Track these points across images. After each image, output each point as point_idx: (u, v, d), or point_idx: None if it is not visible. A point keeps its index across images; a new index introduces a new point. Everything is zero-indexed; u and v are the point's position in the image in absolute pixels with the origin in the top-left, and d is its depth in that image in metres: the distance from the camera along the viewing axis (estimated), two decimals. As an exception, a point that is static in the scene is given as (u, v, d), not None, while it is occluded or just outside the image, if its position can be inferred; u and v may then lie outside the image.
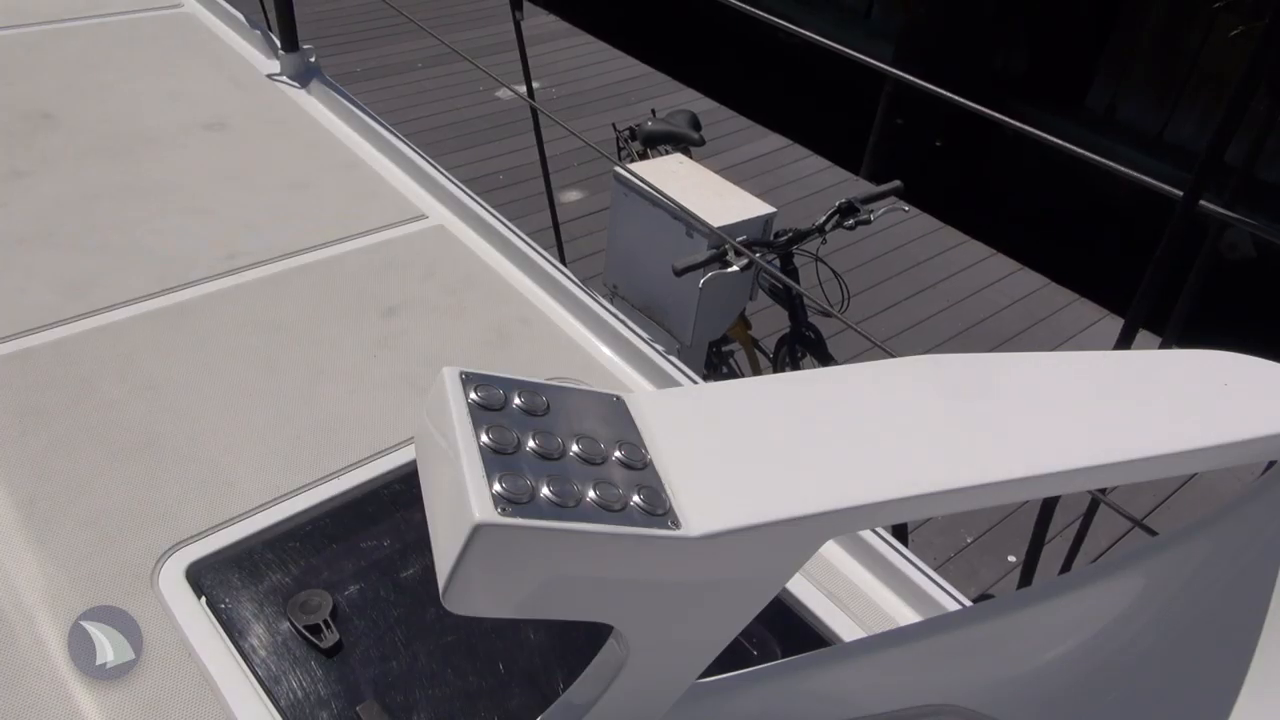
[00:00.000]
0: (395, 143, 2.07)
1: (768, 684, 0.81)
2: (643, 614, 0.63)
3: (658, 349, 1.62)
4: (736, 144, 5.92)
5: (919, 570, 1.26)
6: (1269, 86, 1.09)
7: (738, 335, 3.20)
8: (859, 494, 0.62)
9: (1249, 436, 0.70)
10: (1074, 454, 0.67)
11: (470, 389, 0.61)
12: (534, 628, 1.17)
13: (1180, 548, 0.77)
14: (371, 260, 1.75)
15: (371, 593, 1.19)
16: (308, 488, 1.30)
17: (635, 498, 0.59)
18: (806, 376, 0.72)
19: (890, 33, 7.87)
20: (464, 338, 1.61)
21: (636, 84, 6.50)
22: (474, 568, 0.54)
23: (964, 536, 3.62)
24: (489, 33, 6.79)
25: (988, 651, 0.83)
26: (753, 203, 2.81)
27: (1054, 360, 0.76)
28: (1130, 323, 1.29)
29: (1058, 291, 4.95)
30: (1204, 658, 0.76)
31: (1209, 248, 1.28)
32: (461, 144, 5.59)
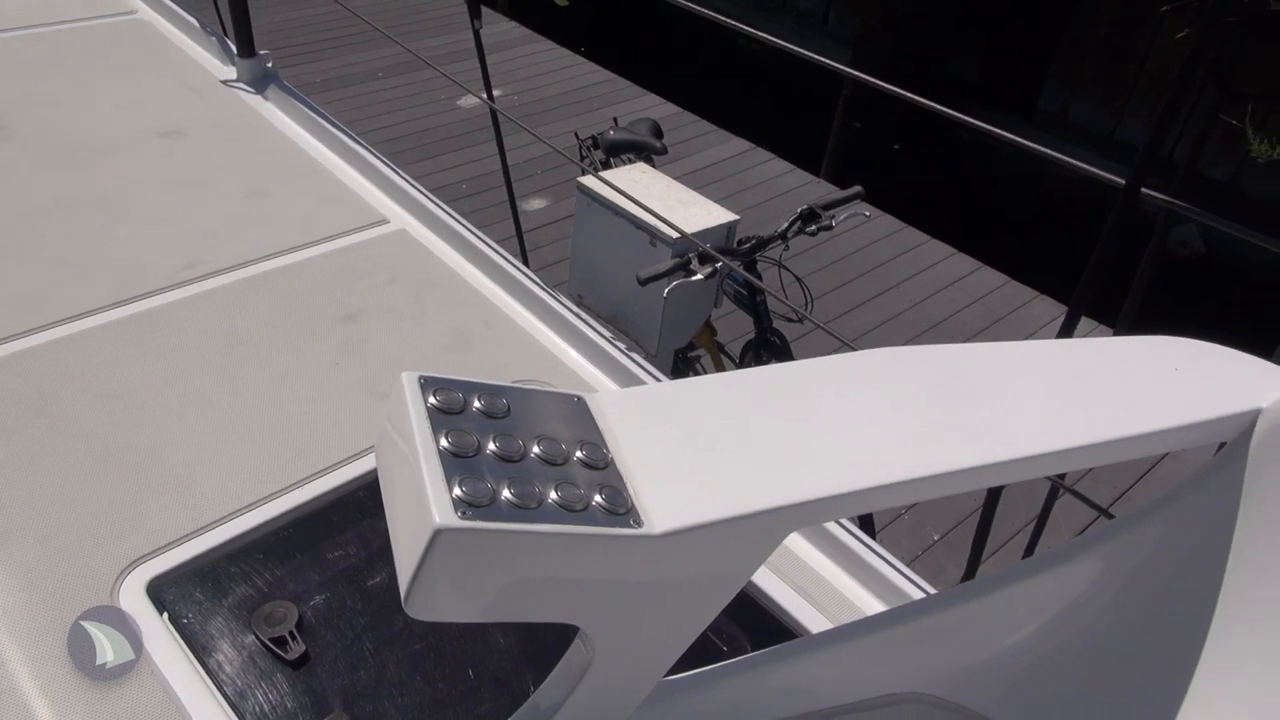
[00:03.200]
0: (355, 148, 2.06)
1: (734, 679, 0.81)
2: (607, 614, 0.64)
3: (621, 348, 1.62)
4: (699, 148, 5.94)
5: (885, 561, 1.28)
6: (1212, 78, 1.12)
7: (703, 342, 3.21)
8: (820, 487, 0.63)
9: (1199, 419, 0.72)
10: (1029, 441, 0.68)
11: (429, 393, 0.61)
12: (503, 631, 1.17)
13: (1135, 530, 0.79)
14: (333, 266, 1.74)
15: (338, 602, 1.18)
16: (271, 498, 1.29)
17: (597, 497, 0.59)
18: (767, 372, 0.73)
19: (846, 38, 7.96)
20: (427, 342, 1.60)
21: (598, 90, 6.51)
22: (436, 573, 0.54)
23: (931, 534, 3.66)
24: (449, 41, 6.77)
25: (952, 638, 0.84)
26: (716, 210, 2.82)
27: (1009, 350, 0.78)
28: (1074, 308, 1.31)
29: (1017, 289, 5.03)
30: (1160, 637, 0.77)
31: (1158, 239, 1.31)
32: (424, 153, 5.57)
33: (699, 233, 2.69)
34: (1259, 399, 0.73)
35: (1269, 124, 3.87)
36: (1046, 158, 1.24)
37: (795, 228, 2.87)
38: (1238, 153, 5.87)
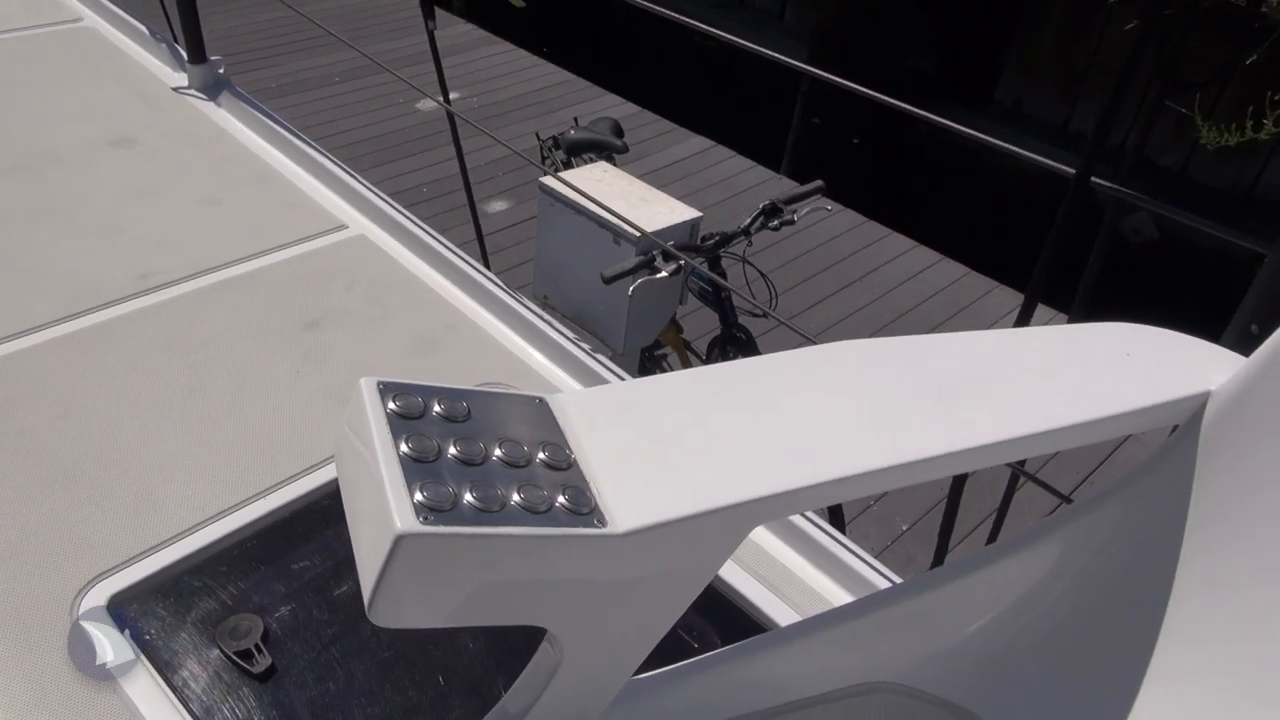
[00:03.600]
0: (311, 153, 2.03)
1: (703, 675, 0.81)
2: (574, 614, 0.63)
3: (585, 349, 1.62)
4: (660, 147, 5.95)
5: (851, 553, 1.29)
6: (1156, 68, 1.15)
7: (669, 340, 3.21)
8: (782, 481, 0.63)
9: (1152, 403, 0.73)
10: (988, 429, 0.68)
11: (389, 399, 0.61)
12: (472, 636, 1.16)
13: (1094, 514, 0.80)
14: (291, 273, 1.72)
15: (304, 613, 1.16)
16: (233, 509, 1.27)
17: (560, 498, 0.59)
18: (728, 368, 0.73)
19: (803, 34, 8.01)
20: (389, 347, 1.58)
21: (557, 91, 6.49)
22: (399, 579, 0.54)
23: (899, 524, 3.69)
24: (406, 44, 6.72)
25: (918, 627, 0.85)
26: (678, 208, 2.83)
27: (966, 340, 0.78)
28: (1030, 297, 1.33)
29: (978, 279, 5.09)
30: (1121, 617, 0.78)
31: (1108, 228, 1.34)
32: (383, 157, 5.52)
33: (662, 230, 2.69)
34: (1208, 381, 0.75)
35: (1217, 112, 3.95)
36: (999, 150, 1.26)
37: (758, 223, 2.89)
38: (1188, 141, 5.98)
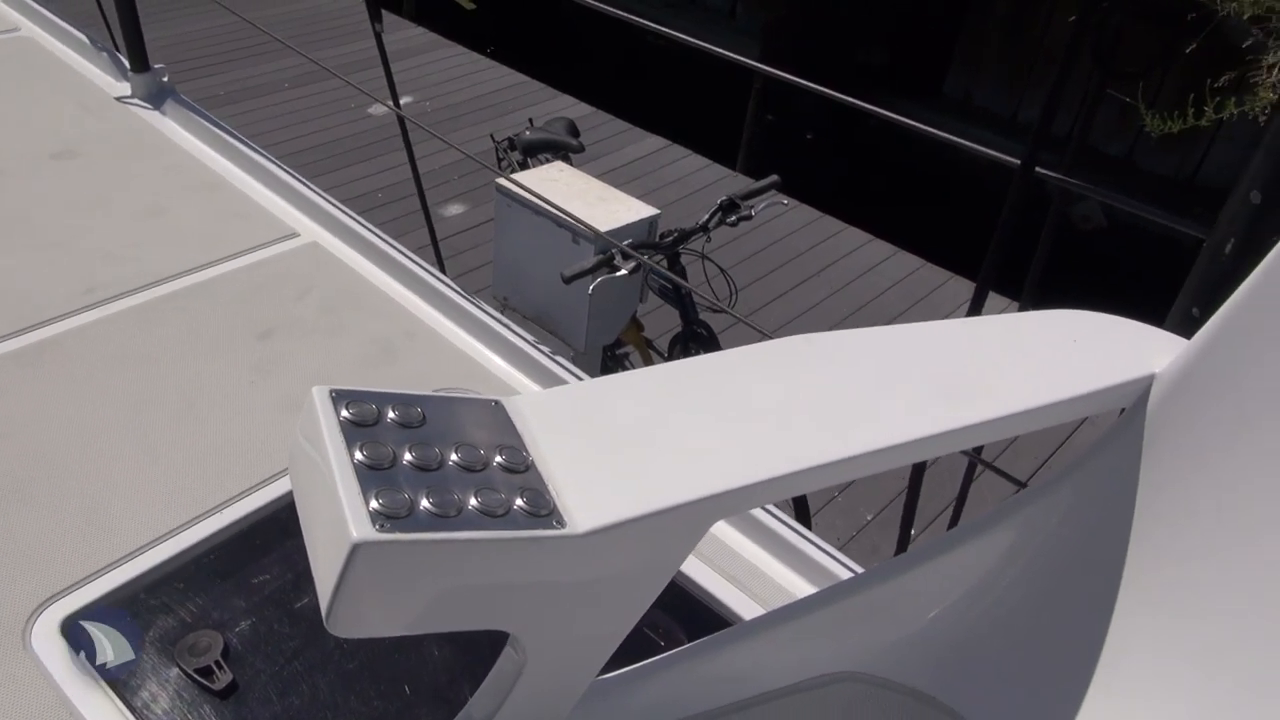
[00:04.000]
0: (260, 160, 2.00)
1: (669, 672, 0.81)
2: (536, 617, 0.63)
3: (545, 351, 1.61)
4: (616, 147, 5.95)
5: (813, 544, 1.30)
6: (1094, 59, 1.17)
7: (631, 338, 3.21)
8: (740, 476, 0.63)
9: (1098, 387, 0.74)
10: (940, 418, 0.69)
11: (341, 407, 0.60)
12: (438, 643, 1.15)
13: (1046, 498, 0.81)
14: (243, 283, 1.69)
15: (265, 627, 1.15)
16: (189, 524, 1.25)
17: (518, 501, 0.58)
18: (684, 365, 0.73)
19: (754, 32, 8.04)
20: (346, 356, 1.57)
21: (511, 93, 6.46)
22: (357, 588, 0.53)
23: (864, 515, 3.72)
24: (357, 49, 6.64)
25: (879, 616, 0.86)
26: (636, 206, 2.83)
27: (918, 331, 0.80)
28: (981, 286, 1.36)
29: (934, 270, 5.15)
30: (1076, 597, 0.80)
31: (1053, 217, 1.36)
32: (336, 163, 5.46)
33: (621, 228, 2.69)
34: (1152, 364, 0.76)
35: (1160, 100, 4.04)
36: (945, 142, 1.28)
37: (716, 219, 2.90)
38: (1133, 129, 6.11)
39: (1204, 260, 0.98)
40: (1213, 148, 6.49)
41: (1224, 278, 0.95)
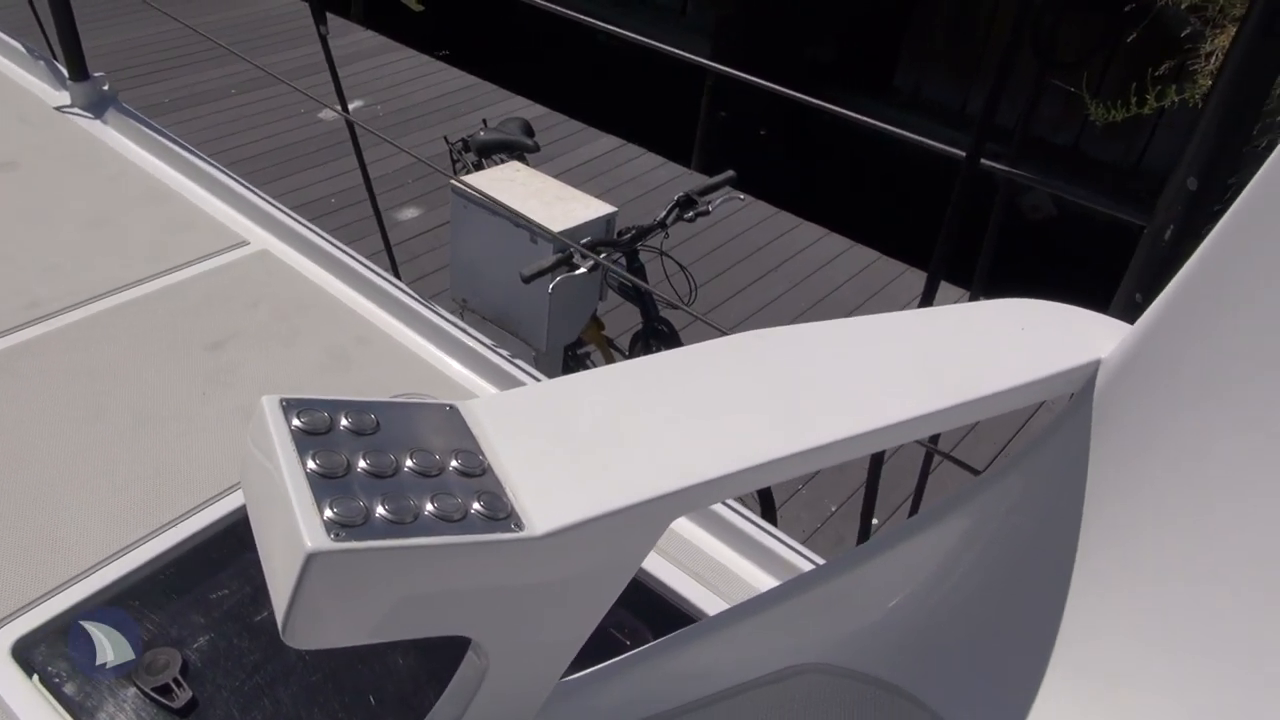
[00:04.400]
0: (206, 169, 1.97)
1: (633, 671, 0.81)
2: (497, 621, 0.63)
3: (504, 354, 1.61)
4: (571, 147, 5.94)
5: (775, 538, 1.31)
6: (1034, 50, 1.19)
7: (592, 337, 3.21)
8: (697, 472, 0.63)
9: (1046, 374, 0.76)
10: (894, 409, 0.70)
11: (292, 416, 0.59)
12: (402, 653, 1.14)
13: (999, 484, 0.83)
14: (192, 293, 1.66)
15: (224, 642, 1.13)
16: (143, 541, 1.23)
17: (476, 505, 0.58)
18: (641, 363, 0.73)
19: (705, 29, 8.07)
20: (300, 364, 1.55)
21: (464, 95, 6.42)
22: (313, 599, 0.52)
23: (828, 506, 3.76)
24: (305, 53, 6.56)
25: (840, 606, 0.87)
26: (593, 204, 2.83)
27: (870, 323, 0.80)
28: (931, 277, 1.38)
29: (889, 263, 5.21)
30: (1031, 581, 0.81)
31: (999, 207, 1.39)
32: (287, 169, 5.38)
33: (579, 226, 2.69)
34: (1098, 350, 0.78)
35: (1104, 89, 4.12)
36: (893, 136, 1.29)
37: (673, 215, 2.91)
38: (1079, 118, 6.22)
39: (1145, 246, 1.00)
40: (1156, 135, 6.63)
41: (1164, 263, 0.98)
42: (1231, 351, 0.69)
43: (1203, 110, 0.92)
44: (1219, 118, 0.91)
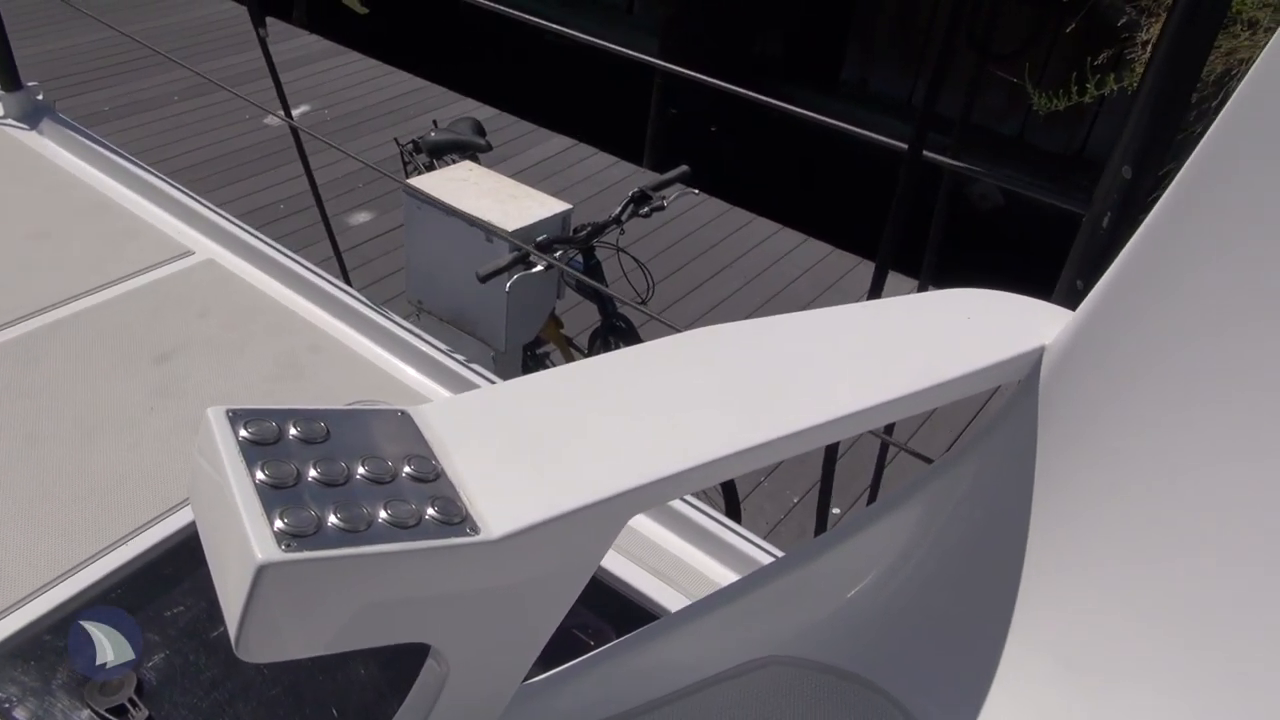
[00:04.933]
0: (148, 178, 1.93)
1: (596, 672, 0.81)
2: (456, 627, 0.62)
3: (459, 359, 1.60)
4: (522, 148, 5.91)
5: (735, 533, 1.31)
6: (970, 42, 1.22)
7: (551, 335, 3.20)
8: (651, 470, 0.64)
9: (992, 362, 0.77)
10: (845, 400, 0.71)
11: (240, 426, 0.58)
12: (363, 663, 1.13)
13: (951, 471, 0.84)
14: (136, 305, 1.63)
15: (180, 660, 1.11)
16: (93, 559, 1.20)
17: (430, 510, 0.58)
18: (591, 363, 0.73)
19: (652, 26, 8.08)
20: (251, 373, 1.52)
21: (413, 98, 6.36)
22: (266, 611, 0.52)
23: (790, 498, 3.79)
24: (248, 58, 6.45)
25: (798, 598, 0.87)
26: (548, 201, 2.82)
27: (820, 316, 0.81)
28: (879, 268, 1.39)
29: (842, 256, 5.26)
30: (984, 566, 0.83)
31: (944, 197, 1.41)
32: (233, 176, 5.29)
33: (534, 224, 2.68)
34: (1043, 336, 0.79)
35: (1046, 78, 4.20)
36: (835, 130, 1.31)
37: (629, 211, 2.91)
38: (1022, 108, 6.33)
39: (1084, 234, 1.02)
40: (1097, 123, 6.78)
41: (1103, 250, 1.00)
42: (1166, 333, 0.70)
43: (1135, 100, 0.94)
44: (1150, 107, 0.93)
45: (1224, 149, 0.66)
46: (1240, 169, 0.65)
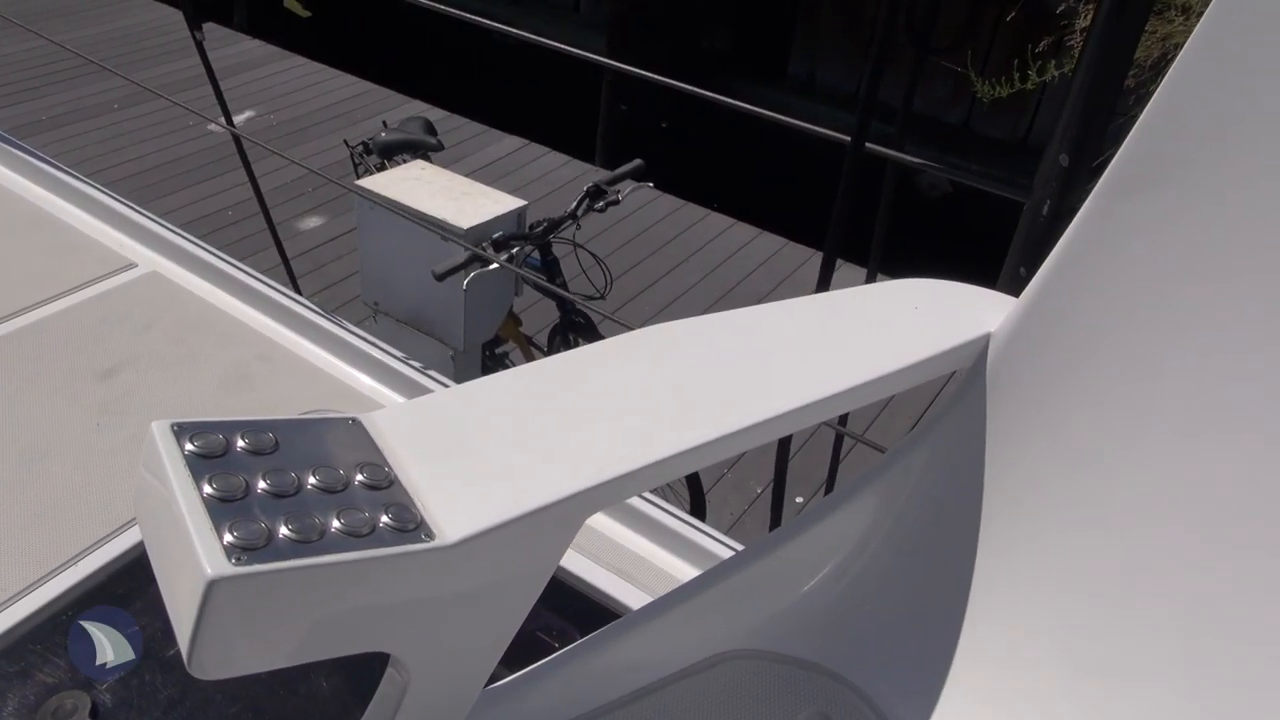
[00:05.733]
0: (87, 190, 1.88)
1: (559, 673, 0.81)
2: (415, 634, 0.62)
3: (414, 365, 1.58)
4: (474, 149, 5.87)
5: (695, 529, 1.32)
6: (907, 34, 1.23)
7: (509, 333, 3.19)
8: (606, 469, 0.64)
9: (939, 351, 0.78)
10: (795, 394, 0.72)
11: (185, 440, 0.58)
12: (325, 675, 1.12)
13: (903, 460, 0.85)
14: (78, 321, 1.59)
15: (135, 680, 1.09)
16: (41, 582, 1.17)
17: (384, 518, 0.57)
18: (543, 364, 0.73)
19: (600, 24, 8.07)
20: (200, 388, 1.50)
21: (361, 101, 6.29)
22: (218, 627, 0.51)
23: (755, 488, 3.81)
24: (191, 64, 6.30)
25: (758, 591, 0.88)
26: (503, 198, 2.81)
27: (770, 311, 0.82)
28: (827, 259, 1.41)
29: (796, 249, 5.30)
30: (940, 552, 0.84)
31: (889, 188, 1.43)
32: (179, 183, 5.19)
33: (489, 221, 2.67)
34: (988, 324, 0.81)
35: (989, 67, 4.26)
36: (780, 124, 1.32)
37: (584, 206, 2.91)
38: (967, 96, 6.42)
39: (1025, 222, 1.04)
40: (1040, 110, 6.89)
41: (1044, 237, 1.02)
42: (1105, 315, 0.72)
43: (1070, 90, 0.96)
44: (1084, 97, 0.95)
45: (1155, 135, 0.68)
46: (1170, 152, 0.67)
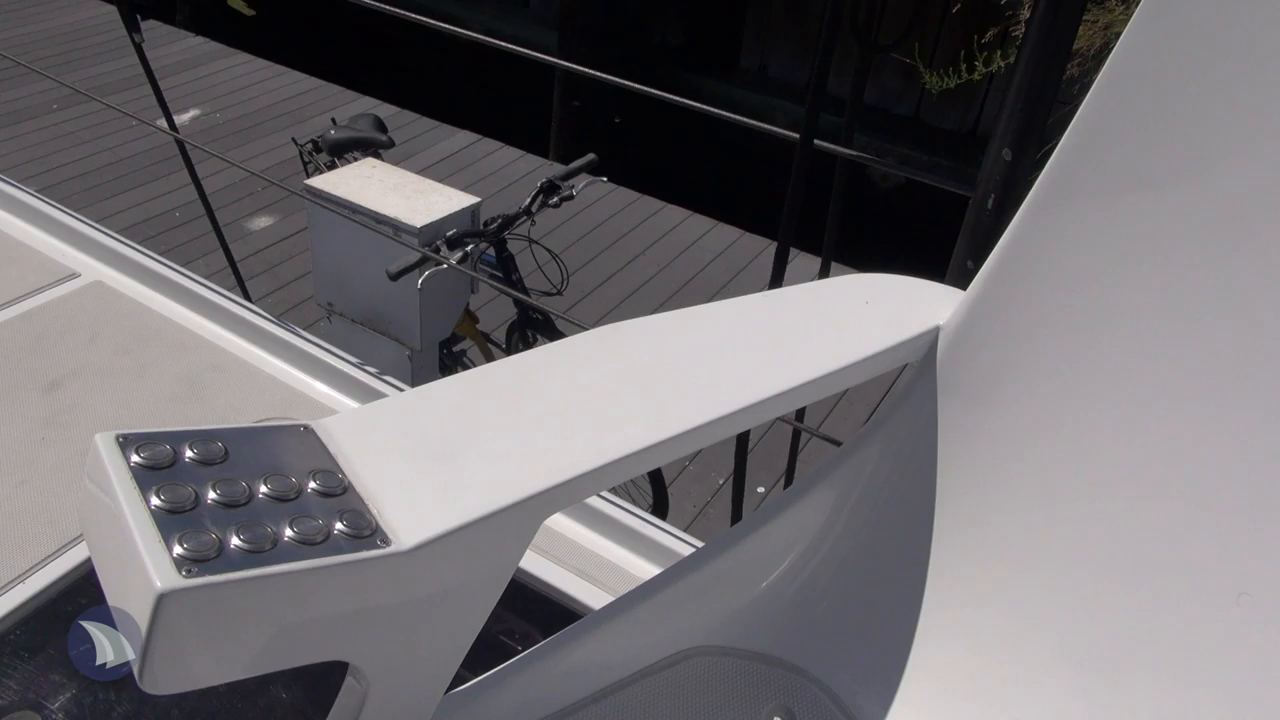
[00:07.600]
0: (24, 197, 1.83)
1: (520, 676, 0.81)
2: (373, 642, 0.62)
3: (369, 371, 1.57)
4: (426, 145, 5.81)
5: (655, 527, 1.32)
6: (851, 30, 1.25)
7: (466, 331, 3.17)
8: (562, 471, 0.64)
9: (891, 344, 0.79)
10: (749, 390, 0.72)
11: (131, 451, 0.57)
12: (285, 686, 1.11)
13: (858, 452, 0.86)
14: (19, 333, 1.55)
15: (88, 698, 1.07)
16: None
17: (338, 525, 0.57)
18: (497, 367, 0.73)
19: (551, 19, 8.02)
20: (148, 399, 1.46)
21: (309, 98, 6.19)
22: (170, 641, 0.50)
23: (716, 480, 3.82)
24: (132, 63, 6.17)
25: (718, 588, 0.89)
26: (456, 195, 2.79)
27: (723, 308, 0.82)
28: (780, 252, 1.42)
29: (752, 239, 5.32)
30: (893, 543, 0.85)
31: (840, 181, 1.45)
32: (124, 185, 5.06)
33: (443, 218, 2.64)
34: (937, 317, 0.82)
35: (937, 58, 4.32)
36: (728, 120, 1.33)
37: (538, 201, 2.90)
38: (917, 88, 6.50)
39: (971, 215, 1.06)
40: (988, 100, 6.99)
41: (990, 231, 1.04)
42: (1048, 306, 0.74)
43: (1010, 85, 0.98)
44: (1025, 91, 0.97)
45: (1092, 129, 0.69)
46: (1108, 145, 0.68)
